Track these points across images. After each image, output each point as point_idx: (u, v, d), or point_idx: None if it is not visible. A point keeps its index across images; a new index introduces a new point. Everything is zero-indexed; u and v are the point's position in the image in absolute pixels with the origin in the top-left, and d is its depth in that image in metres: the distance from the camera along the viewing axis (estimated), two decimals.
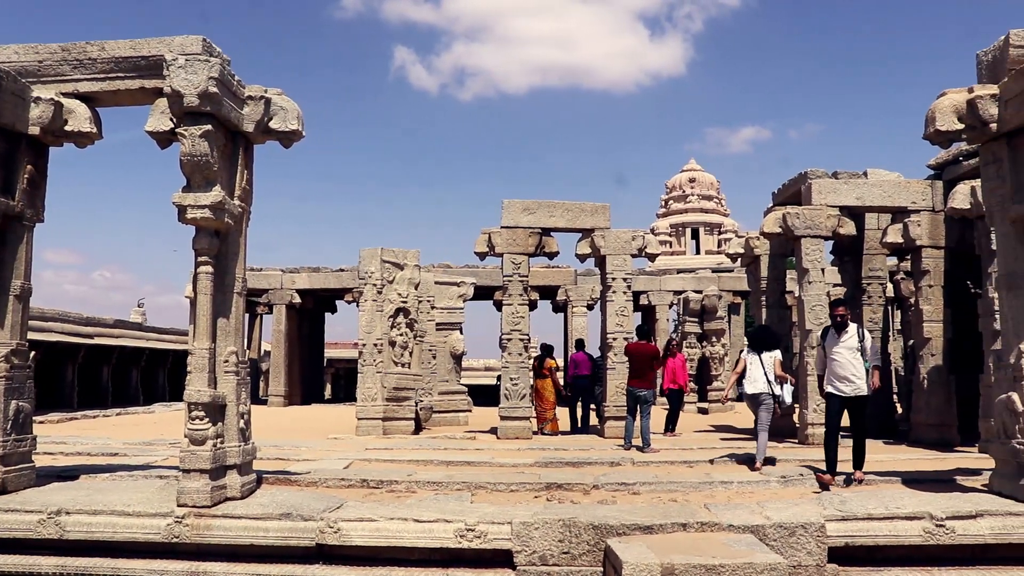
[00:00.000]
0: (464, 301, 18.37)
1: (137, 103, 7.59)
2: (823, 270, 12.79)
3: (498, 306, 22.01)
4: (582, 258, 14.40)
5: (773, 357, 10.17)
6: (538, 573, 6.19)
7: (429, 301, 16.86)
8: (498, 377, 14.15)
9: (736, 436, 13.80)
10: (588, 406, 15.76)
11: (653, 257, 14.80)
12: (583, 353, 15.97)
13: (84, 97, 7.44)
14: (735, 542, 5.99)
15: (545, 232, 13.96)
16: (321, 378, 34.43)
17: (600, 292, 14.82)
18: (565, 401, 15.98)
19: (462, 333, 18.04)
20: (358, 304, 14.81)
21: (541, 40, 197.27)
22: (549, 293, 27.77)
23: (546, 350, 15.55)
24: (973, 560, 6.45)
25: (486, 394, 24.42)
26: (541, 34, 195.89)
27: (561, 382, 15.92)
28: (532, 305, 26.21)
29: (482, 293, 24.89)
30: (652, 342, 13.33)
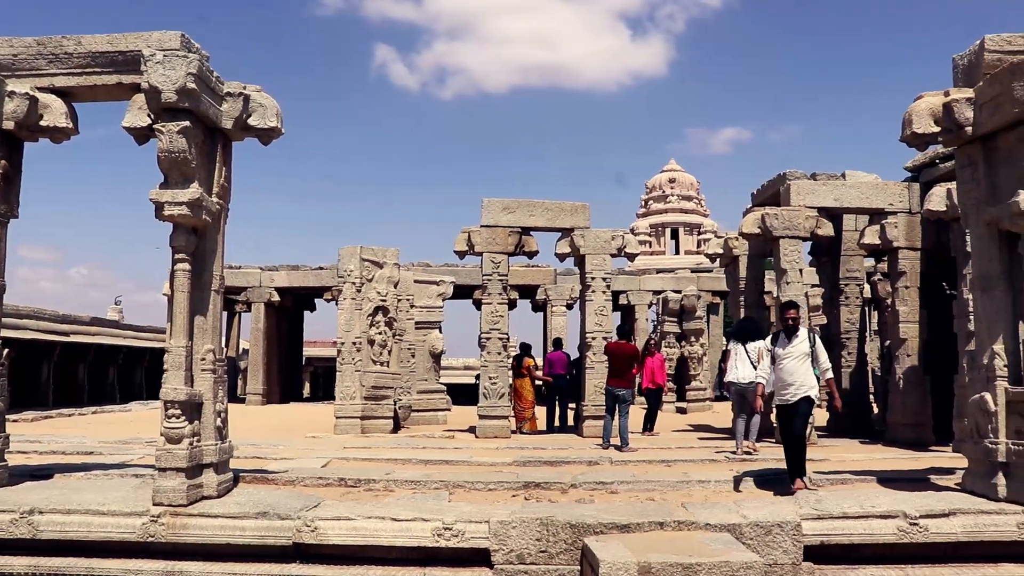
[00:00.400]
0: (443, 300, 18.35)
1: (114, 99, 7.51)
2: (801, 271, 12.86)
3: (478, 305, 22.02)
4: (562, 257, 14.42)
5: (758, 347, 10.55)
6: (516, 572, 6.19)
7: (408, 300, 16.84)
8: (477, 376, 14.16)
9: (715, 435, 13.85)
10: (566, 405, 15.76)
11: (632, 257, 14.84)
12: (560, 352, 15.97)
13: (60, 92, 7.35)
14: (712, 541, 6.01)
15: (525, 231, 13.97)
16: (300, 377, 34.28)
17: (579, 291, 14.85)
18: (544, 400, 15.99)
19: (441, 332, 18.01)
20: (337, 302, 14.77)
21: (522, 39, 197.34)
22: (529, 292, 27.80)
23: (524, 349, 15.55)
24: (946, 558, 6.51)
25: (466, 393, 24.43)
26: (522, 33, 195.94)
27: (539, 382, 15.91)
28: (512, 304, 26.20)
29: (462, 292, 24.84)
30: (631, 342, 13.36)
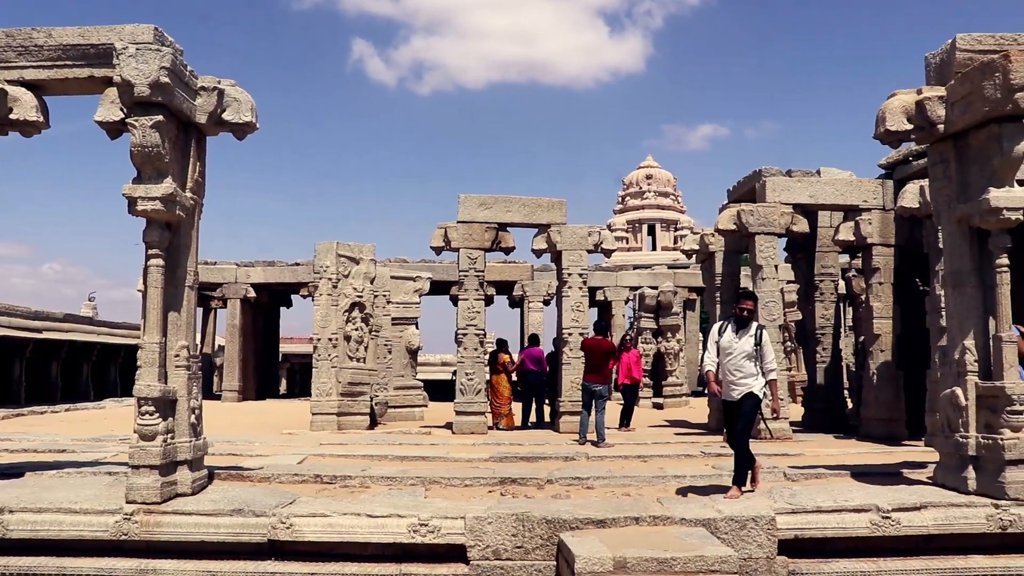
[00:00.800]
0: (420, 296, 18.31)
1: (86, 92, 7.42)
2: (776, 267, 12.95)
3: (454, 301, 21.97)
4: (538, 253, 14.43)
5: None
6: (491, 567, 6.20)
7: (385, 296, 16.79)
8: (454, 372, 14.15)
9: (691, 431, 13.92)
10: (542, 401, 15.77)
11: (609, 253, 14.87)
12: (535, 348, 15.96)
13: (30, 85, 7.25)
14: (687, 535, 6.05)
15: (501, 227, 13.96)
16: (276, 373, 34.12)
17: (556, 287, 14.87)
18: (520, 396, 16.01)
19: (418, 328, 17.98)
20: (313, 299, 14.70)
21: (500, 35, 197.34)
22: (506, 288, 27.80)
23: (500, 345, 15.55)
24: (917, 550, 6.60)
25: (442, 389, 24.40)
26: (500, 29, 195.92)
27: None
28: (488, 300, 26.19)
29: (438, 288, 24.82)
30: (608, 337, 13.39)
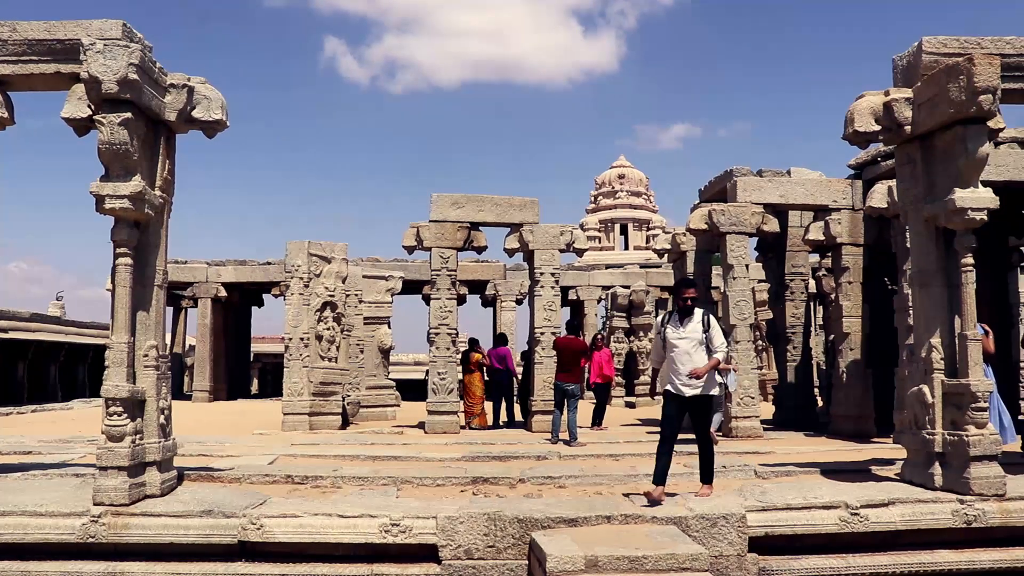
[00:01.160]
0: (392, 295, 18.24)
1: (53, 88, 7.31)
2: (747, 266, 13.03)
3: (427, 300, 21.93)
4: (510, 253, 14.43)
5: None
6: (463, 567, 6.20)
7: (357, 295, 16.72)
8: (427, 371, 14.13)
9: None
10: (510, 401, 15.76)
11: (581, 252, 14.90)
12: (501, 347, 15.95)
13: None
14: (658, 534, 6.08)
15: (474, 226, 13.95)
16: (248, 373, 33.90)
17: (528, 287, 14.88)
18: (493, 395, 16.00)
19: (390, 327, 17.92)
20: (285, 298, 14.62)
21: (473, 34, 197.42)
22: (478, 287, 27.79)
23: (472, 344, 15.52)
24: (885, 546, 6.68)
25: (415, 389, 24.33)
26: (473, 28, 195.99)
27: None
28: (461, 299, 26.14)
29: (411, 287, 24.77)
30: (580, 337, 13.42)
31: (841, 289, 13.18)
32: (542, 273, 14.00)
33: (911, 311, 7.82)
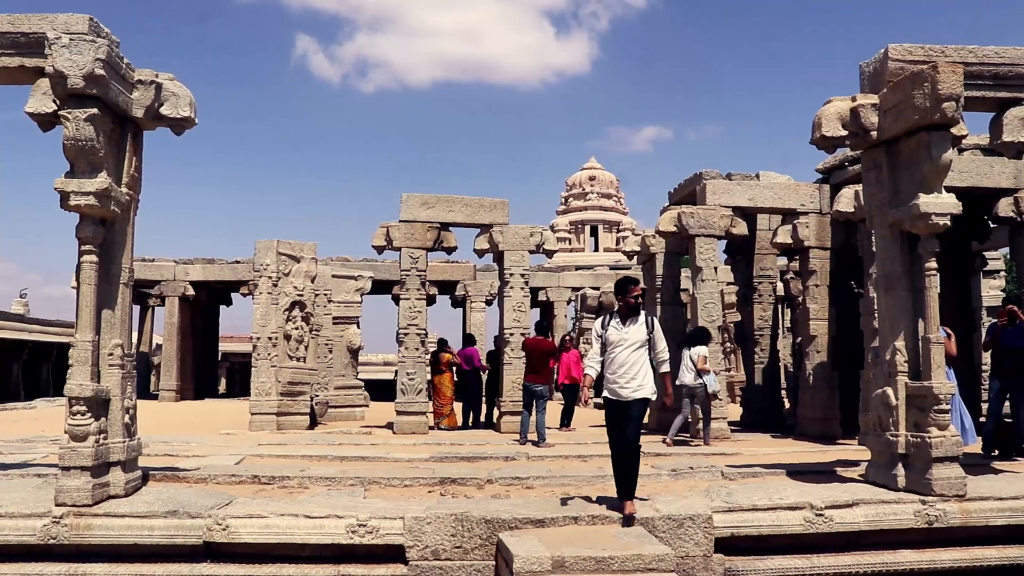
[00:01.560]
0: (362, 295, 18.19)
1: (16, 82, 7.20)
2: (716, 268, 13.14)
3: (396, 300, 21.89)
4: (480, 253, 14.43)
5: (697, 353, 11.77)
6: (430, 567, 6.19)
7: (326, 295, 16.66)
8: (396, 372, 14.09)
9: None
10: (477, 401, 15.72)
11: (551, 253, 14.95)
12: (469, 348, 15.94)
13: None
14: (625, 535, 6.11)
15: (444, 227, 13.94)
16: (215, 372, 33.64)
17: (498, 288, 14.88)
18: (462, 396, 15.98)
19: (359, 327, 17.87)
20: (253, 297, 14.52)
21: (446, 33, 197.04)
22: (448, 288, 27.76)
23: (442, 345, 15.50)
24: (849, 546, 6.76)
25: (384, 389, 24.23)
26: (446, 27, 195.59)
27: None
28: (431, 300, 26.16)
29: (380, 287, 24.69)
30: (549, 338, 13.44)
31: (808, 292, 13.31)
32: (512, 274, 14.01)
33: (876, 314, 7.91)
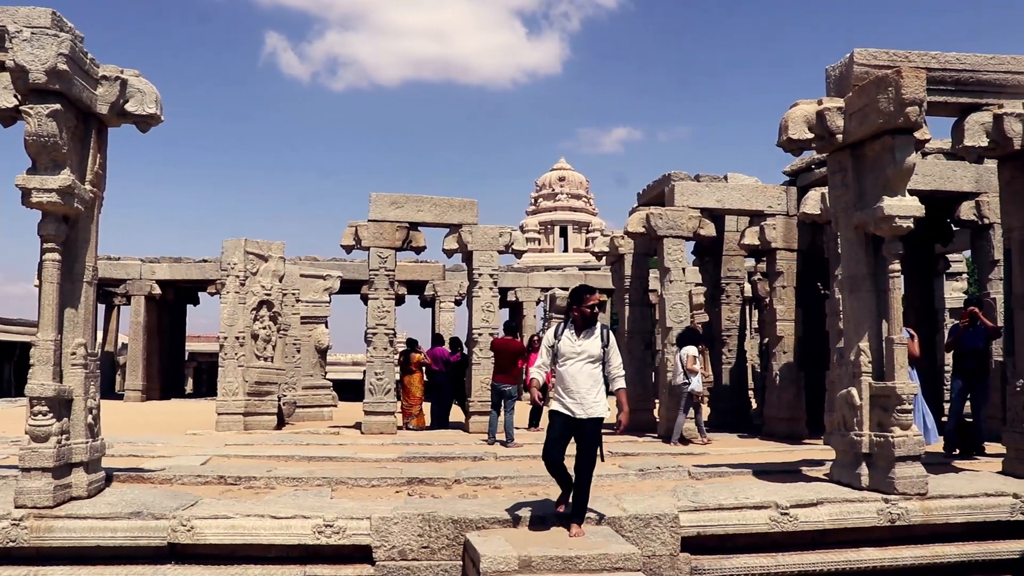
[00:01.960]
0: (330, 294, 18.12)
1: None
2: (684, 269, 13.21)
3: (365, 300, 21.79)
4: (449, 253, 14.41)
5: (686, 353, 12.14)
6: (397, 568, 6.17)
7: (294, 294, 16.56)
8: (365, 372, 14.04)
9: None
10: (446, 401, 15.71)
11: (520, 254, 14.95)
12: (439, 348, 15.91)
13: None
14: (592, 534, 6.12)
15: (413, 226, 13.91)
16: (182, 372, 33.31)
17: (467, 288, 14.88)
18: (431, 396, 15.94)
19: (328, 327, 17.79)
20: (221, 296, 14.40)
21: (416, 32, 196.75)
22: (417, 288, 27.69)
23: (411, 345, 15.46)
24: (814, 545, 6.82)
25: (353, 389, 24.11)
26: (416, 26, 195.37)
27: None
28: (399, 300, 26.07)
29: (349, 287, 24.57)
30: (518, 338, 13.45)
31: (775, 293, 13.43)
32: (480, 274, 14.01)
33: (841, 315, 7.99)
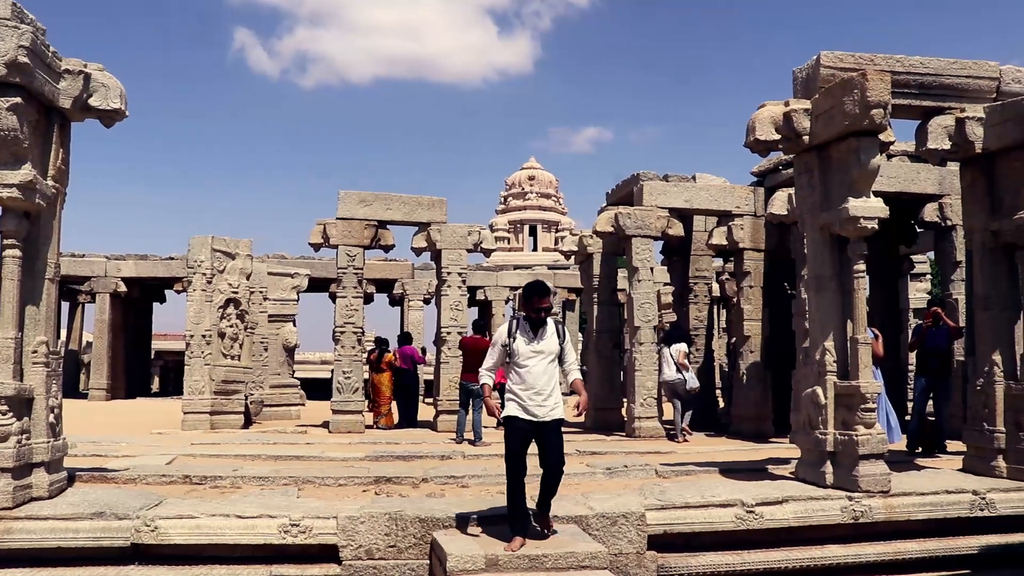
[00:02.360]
0: (298, 293, 18.02)
1: None
2: (652, 269, 13.27)
3: (333, 298, 21.68)
4: (418, 252, 14.39)
5: (678, 350, 12.55)
6: (364, 567, 6.14)
7: (262, 292, 16.44)
8: (333, 370, 13.98)
9: (567, 430, 14.07)
10: (414, 400, 15.67)
11: (489, 252, 14.98)
12: (407, 347, 15.87)
13: None
14: (559, 532, 6.13)
15: (381, 225, 13.86)
16: (148, 371, 32.95)
17: (436, 286, 14.85)
18: (400, 395, 15.89)
19: (295, 325, 17.69)
20: (187, 294, 14.27)
21: (387, 30, 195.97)
22: (386, 286, 27.58)
23: (381, 344, 15.41)
24: (779, 542, 6.86)
25: (322, 387, 23.98)
26: (388, 23, 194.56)
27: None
28: (368, 298, 25.88)
29: (317, 285, 24.42)
30: (486, 337, 13.44)
31: (743, 293, 13.53)
32: (449, 273, 13.99)
33: (807, 315, 8.07)
